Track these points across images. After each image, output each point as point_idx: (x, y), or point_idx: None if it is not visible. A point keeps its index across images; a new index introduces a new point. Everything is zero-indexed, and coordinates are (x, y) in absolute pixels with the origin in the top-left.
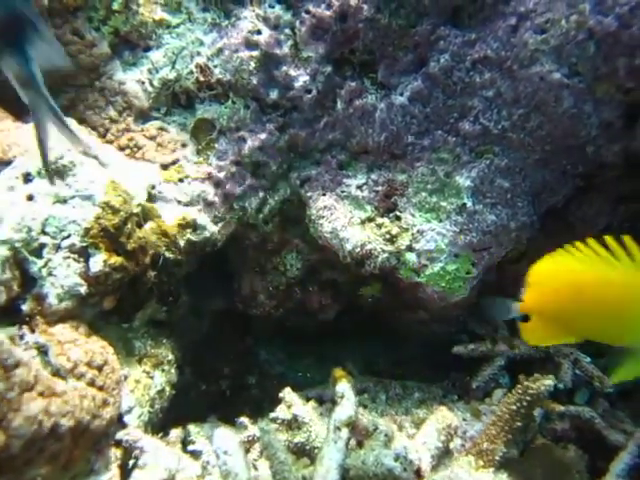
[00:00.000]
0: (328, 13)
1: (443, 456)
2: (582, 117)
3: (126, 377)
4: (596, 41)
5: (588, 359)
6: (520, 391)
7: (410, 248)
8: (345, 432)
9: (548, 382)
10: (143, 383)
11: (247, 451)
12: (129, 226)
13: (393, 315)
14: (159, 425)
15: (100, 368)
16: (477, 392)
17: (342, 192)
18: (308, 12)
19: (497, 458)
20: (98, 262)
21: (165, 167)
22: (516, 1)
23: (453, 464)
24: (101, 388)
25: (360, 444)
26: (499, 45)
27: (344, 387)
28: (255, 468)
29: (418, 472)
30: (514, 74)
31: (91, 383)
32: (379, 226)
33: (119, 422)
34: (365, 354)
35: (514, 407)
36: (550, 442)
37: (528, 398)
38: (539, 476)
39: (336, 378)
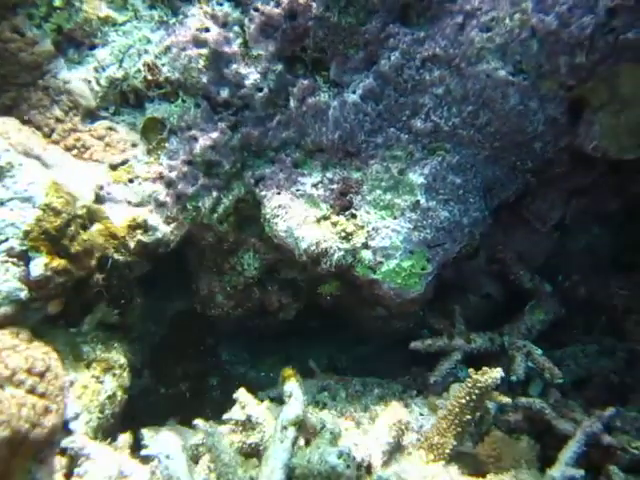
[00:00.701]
0: (277, 11)
1: (395, 451)
2: (528, 113)
3: (72, 383)
4: (539, 39)
5: (540, 351)
6: (469, 384)
7: (366, 245)
8: (292, 431)
9: (496, 375)
10: (91, 388)
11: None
12: (73, 228)
13: (353, 312)
14: (113, 430)
15: (42, 375)
16: (435, 387)
17: (297, 190)
18: (257, 10)
19: (447, 451)
20: (39, 266)
21: (114, 167)
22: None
23: (404, 459)
24: (42, 395)
25: (308, 442)
26: (447, 43)
27: (292, 386)
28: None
29: (369, 468)
30: (462, 72)
31: (31, 390)
32: (334, 224)
33: (65, 429)
34: (329, 351)
35: (464, 400)
36: (504, 433)
37: (477, 391)
38: (490, 467)
39: (285, 377)
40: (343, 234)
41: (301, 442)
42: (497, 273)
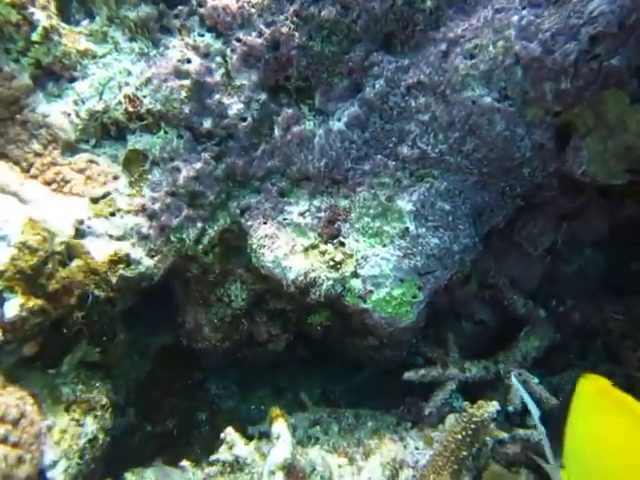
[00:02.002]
0: (259, 41)
1: None
2: (515, 139)
3: (50, 428)
4: (523, 66)
5: (536, 380)
6: (465, 419)
7: (355, 274)
8: (280, 477)
9: (491, 409)
10: (71, 432)
11: None
12: (50, 266)
13: (344, 342)
14: (94, 476)
15: (15, 422)
16: (430, 418)
17: (284, 220)
18: (239, 40)
19: None
20: (14, 306)
21: (95, 201)
22: (445, 27)
23: None
24: (15, 445)
25: None
26: (431, 70)
27: (280, 427)
28: None
29: None
30: (447, 98)
31: (3, 440)
32: (323, 253)
33: (42, 479)
34: (322, 382)
35: (459, 436)
36: (502, 467)
37: (473, 426)
38: None
39: (272, 418)
40: (332, 263)
41: None
42: (490, 299)
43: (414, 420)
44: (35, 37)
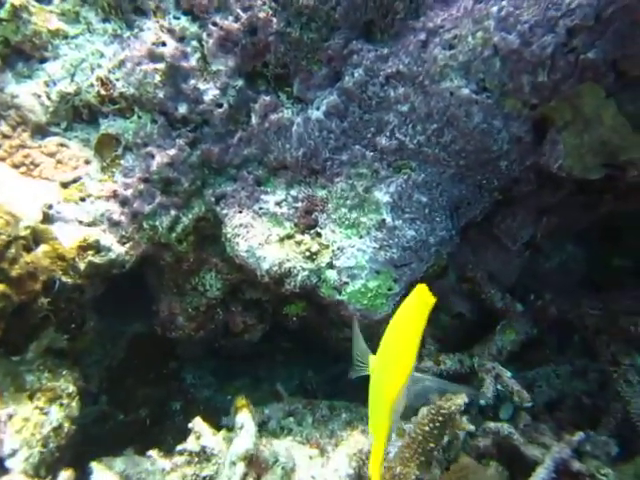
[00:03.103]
0: (236, 26)
1: None
2: (492, 132)
3: (11, 416)
4: (501, 57)
5: (509, 374)
6: (433, 411)
7: (330, 265)
8: (241, 467)
9: (459, 402)
10: (34, 421)
11: None
12: (13, 250)
13: (321, 333)
14: (59, 465)
15: None
16: (405, 410)
17: (260, 209)
18: (215, 24)
19: None
20: None
21: (65, 185)
22: (425, 16)
23: None
24: None
25: (259, 478)
26: (411, 60)
27: (244, 417)
28: None
29: None
30: (426, 89)
31: None
32: (298, 243)
33: (0, 468)
34: (300, 373)
35: (427, 428)
36: (472, 459)
37: (440, 418)
38: None
39: (237, 408)
40: (307, 254)
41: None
42: (468, 292)
43: None
44: (3, 14)
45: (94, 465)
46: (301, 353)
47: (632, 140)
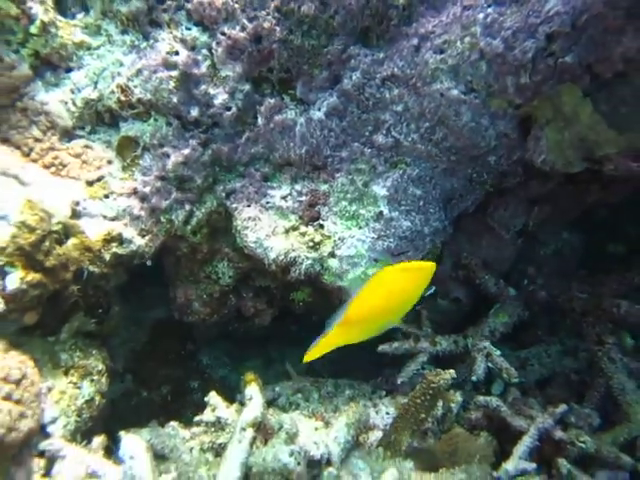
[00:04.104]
0: (243, 35)
1: (353, 448)
2: (480, 129)
3: (50, 389)
4: (487, 61)
5: (498, 352)
6: (424, 385)
7: (332, 254)
8: (250, 432)
9: (447, 376)
10: (69, 394)
11: None
12: (47, 243)
13: (326, 317)
14: (92, 433)
15: (18, 382)
16: (403, 387)
17: (267, 203)
18: (224, 34)
19: (403, 448)
20: (15, 280)
21: (90, 184)
22: (417, 23)
23: (365, 455)
24: (18, 402)
25: (266, 442)
26: (404, 64)
27: (253, 390)
28: None
29: (329, 464)
30: (419, 90)
31: (7, 398)
32: (303, 234)
33: (43, 433)
34: None
35: (418, 400)
36: (464, 430)
37: (430, 391)
38: (444, 462)
39: (246, 382)
40: (311, 244)
41: (260, 444)
42: (464, 278)
43: (390, 389)
44: (33, 30)
45: (122, 433)
46: (309, 335)
47: (607, 137)
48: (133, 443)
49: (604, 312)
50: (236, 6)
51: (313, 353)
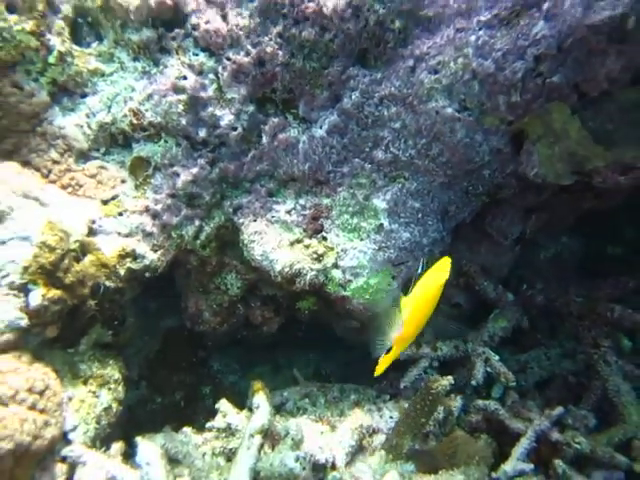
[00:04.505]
0: (247, 59)
1: (357, 452)
2: (475, 145)
3: (70, 398)
4: (479, 81)
5: (497, 357)
6: (424, 391)
7: (336, 265)
8: (258, 439)
9: (445, 383)
10: (88, 402)
11: None
12: (66, 262)
13: (330, 324)
14: (110, 439)
15: (41, 393)
16: (406, 391)
17: (272, 217)
18: (229, 59)
19: (404, 451)
20: (37, 297)
21: (105, 202)
22: (412, 45)
23: (368, 459)
24: (42, 411)
25: (274, 448)
26: (401, 83)
27: (260, 399)
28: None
29: (334, 468)
30: (415, 109)
31: (32, 407)
32: (307, 247)
33: (65, 440)
34: (315, 360)
35: (419, 406)
36: (465, 433)
37: (430, 397)
38: (444, 464)
39: (254, 391)
40: (315, 255)
41: (268, 449)
42: (464, 285)
43: (394, 393)
44: (52, 59)
45: (139, 439)
46: (317, 342)
47: (594, 151)
48: (149, 450)
49: (599, 316)
50: (240, 33)
51: (381, 367)
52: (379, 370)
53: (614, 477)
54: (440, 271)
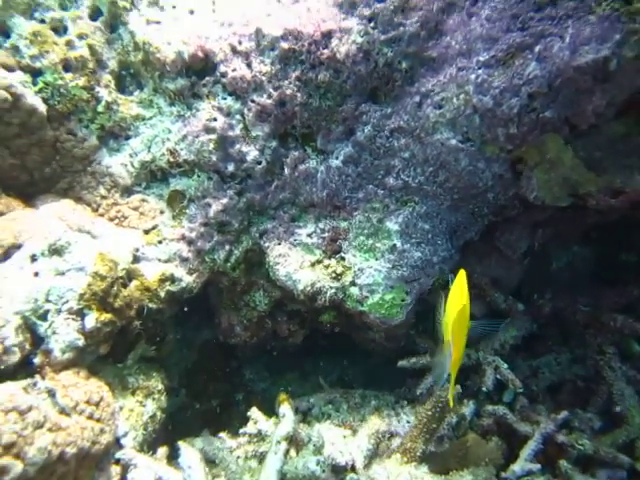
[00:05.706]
0: (269, 101)
1: (374, 456)
2: (477, 172)
3: (121, 408)
4: (480, 115)
5: (506, 365)
6: (434, 399)
7: (353, 283)
8: (284, 445)
9: (453, 391)
10: (136, 411)
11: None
12: (115, 288)
13: (351, 335)
14: (156, 443)
15: (97, 404)
16: (422, 397)
17: (294, 240)
18: (253, 101)
19: (418, 454)
20: (91, 320)
21: (147, 232)
22: (419, 82)
23: (384, 462)
24: (98, 420)
25: (298, 452)
26: (409, 117)
27: (285, 409)
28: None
29: (353, 470)
30: (422, 140)
31: (90, 417)
32: (327, 267)
33: (117, 444)
34: (339, 368)
35: (430, 412)
36: (477, 436)
37: (440, 405)
38: (455, 465)
39: (280, 401)
40: (334, 275)
41: (293, 453)
42: (476, 296)
43: (412, 398)
44: (100, 108)
45: (180, 443)
46: (341, 352)
47: (587, 177)
48: (190, 454)
49: (602, 325)
50: (263, 78)
51: (451, 397)
52: (451, 402)
53: (617, 475)
54: (461, 288)
